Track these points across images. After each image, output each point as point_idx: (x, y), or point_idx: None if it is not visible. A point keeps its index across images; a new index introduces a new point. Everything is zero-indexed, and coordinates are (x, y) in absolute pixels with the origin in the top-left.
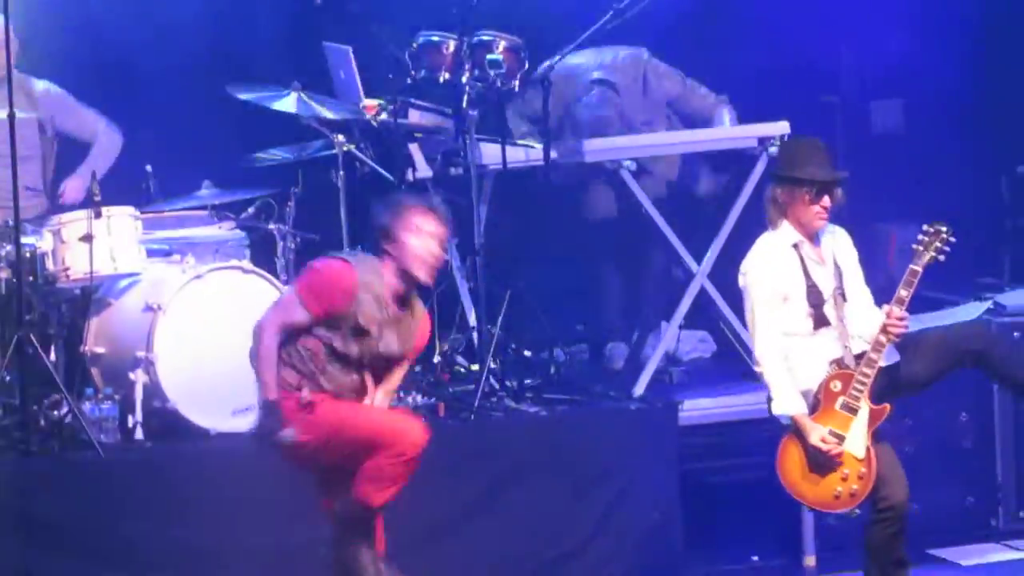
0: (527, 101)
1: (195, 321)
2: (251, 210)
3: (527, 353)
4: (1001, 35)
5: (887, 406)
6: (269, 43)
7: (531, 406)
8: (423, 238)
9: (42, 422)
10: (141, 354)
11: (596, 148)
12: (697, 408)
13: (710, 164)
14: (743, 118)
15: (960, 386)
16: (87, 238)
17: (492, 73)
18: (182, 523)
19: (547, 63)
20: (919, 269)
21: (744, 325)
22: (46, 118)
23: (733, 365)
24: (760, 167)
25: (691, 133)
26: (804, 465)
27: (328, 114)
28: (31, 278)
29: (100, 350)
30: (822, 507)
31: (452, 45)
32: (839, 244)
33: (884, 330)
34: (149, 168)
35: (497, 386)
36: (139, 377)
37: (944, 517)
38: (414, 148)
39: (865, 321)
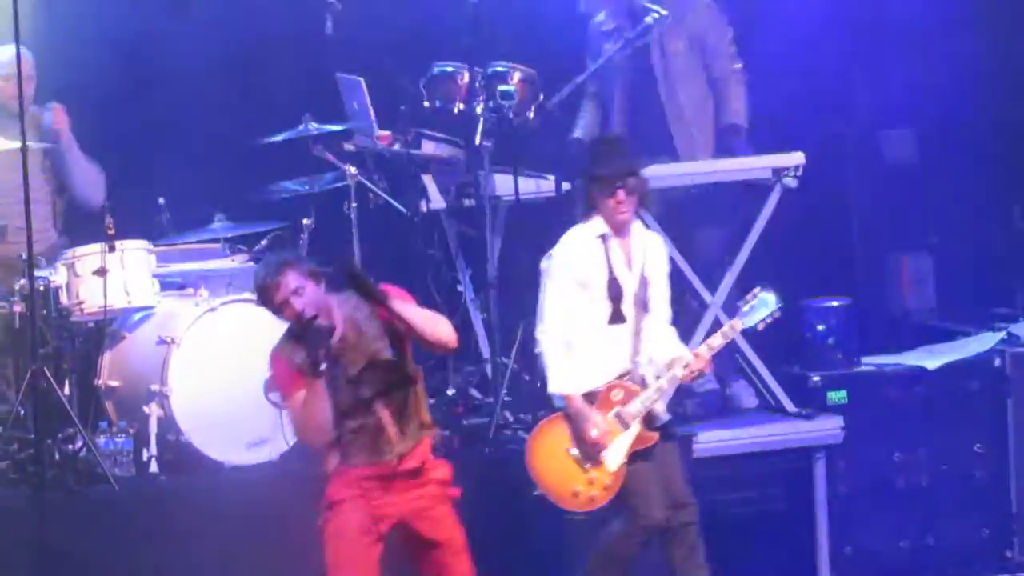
0: None
1: (209, 354)
2: (264, 242)
3: (541, 385)
4: (1013, 65)
5: (656, 436)
6: (281, 74)
7: None
8: (285, 310)
9: (56, 456)
10: (155, 387)
11: None
12: (712, 440)
13: None
14: (758, 148)
15: (974, 417)
16: (101, 272)
17: (506, 104)
18: (196, 556)
19: (558, 95)
20: (739, 327)
21: (760, 356)
22: (49, 150)
23: None
24: (775, 197)
25: (706, 164)
26: (558, 450)
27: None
28: (45, 312)
29: (114, 383)
30: (555, 498)
31: (466, 76)
32: (650, 252)
33: (686, 367)
34: (162, 201)
35: (511, 418)
36: (153, 410)
37: (959, 549)
38: (428, 179)
39: (657, 339)
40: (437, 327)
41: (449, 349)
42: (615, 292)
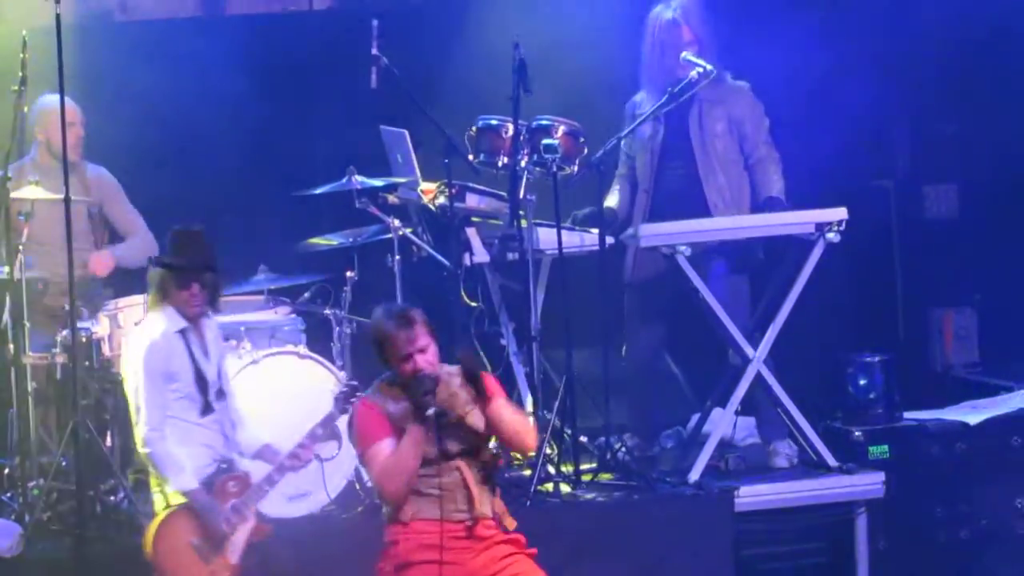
0: None
1: (251, 406)
2: (307, 295)
3: (583, 439)
4: None
5: (270, 527)
6: (326, 126)
7: (587, 492)
8: (405, 360)
9: (98, 507)
10: None
11: (651, 233)
12: (753, 494)
13: None
14: (799, 203)
15: (1016, 473)
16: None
17: (550, 157)
18: None
19: (602, 149)
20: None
21: (802, 410)
22: (95, 203)
23: None
24: (817, 252)
25: (748, 218)
26: (181, 543)
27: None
28: (87, 363)
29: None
30: None
31: (510, 129)
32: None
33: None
34: None
35: (553, 471)
36: None
37: None
38: (471, 232)
39: (237, 424)
40: (525, 437)
41: (526, 455)
42: (202, 385)
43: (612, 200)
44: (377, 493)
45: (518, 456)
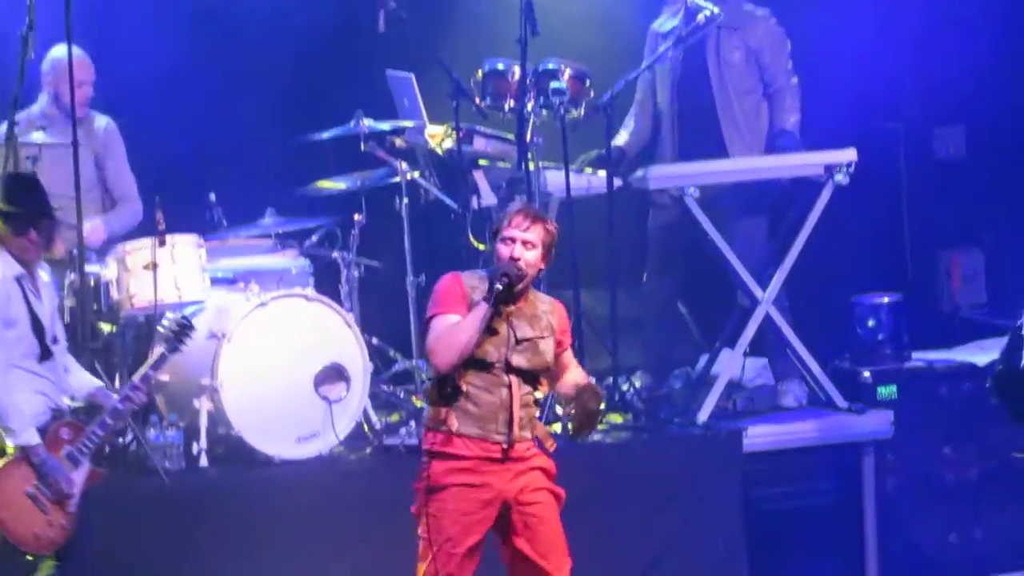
0: None
1: (259, 349)
2: (314, 238)
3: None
4: None
5: (102, 472)
6: (333, 70)
7: (596, 433)
8: (505, 242)
9: (107, 449)
10: (206, 382)
11: (660, 175)
12: (761, 434)
13: None
14: (809, 144)
15: None
16: (151, 266)
17: (557, 101)
18: (245, 549)
19: (610, 92)
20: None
21: (811, 350)
22: (101, 153)
23: None
24: (827, 194)
25: (757, 160)
26: (17, 494)
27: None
28: (96, 306)
29: (164, 378)
30: (16, 540)
31: (517, 73)
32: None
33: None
34: (213, 197)
35: (561, 412)
36: (204, 404)
37: (1007, 543)
38: (479, 175)
39: (70, 369)
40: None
41: None
42: (39, 330)
43: (623, 137)
44: (427, 356)
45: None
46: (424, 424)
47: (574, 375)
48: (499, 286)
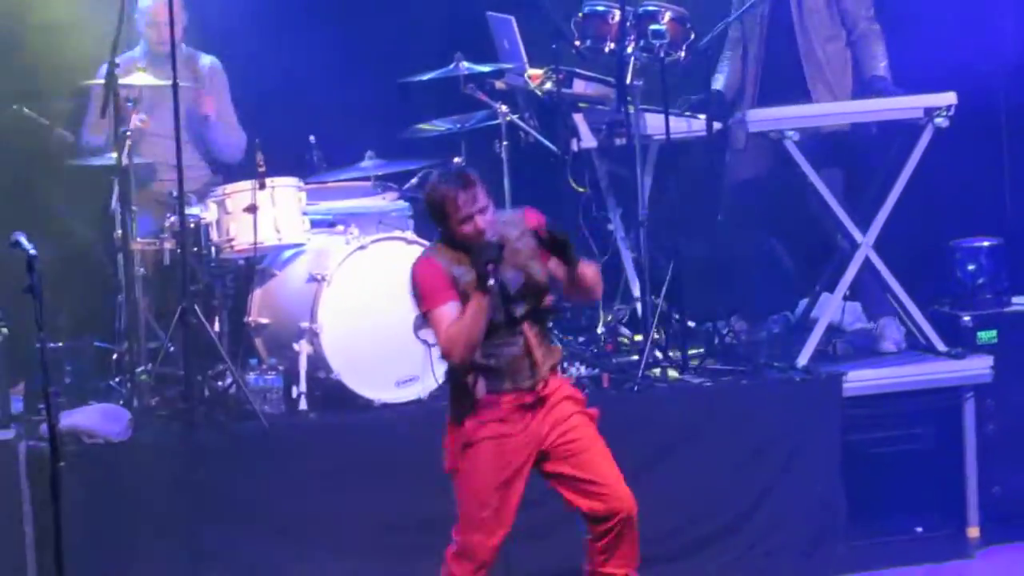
0: None
1: (359, 292)
2: (414, 180)
3: (691, 324)
4: None
5: None
6: (433, 12)
7: (694, 377)
8: (465, 223)
9: (206, 393)
10: (305, 325)
11: (759, 118)
12: (860, 379)
13: None
14: (908, 88)
15: None
16: (251, 209)
17: (657, 43)
18: (345, 493)
19: (709, 35)
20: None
21: (911, 295)
22: (205, 92)
23: None
24: (926, 137)
25: (856, 104)
26: None
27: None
28: (195, 249)
29: (264, 321)
30: None
31: (617, 15)
32: None
33: None
34: (313, 139)
35: (661, 357)
36: (303, 348)
37: None
38: (579, 118)
39: None
40: (598, 288)
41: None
42: None
43: (720, 80)
44: (442, 356)
45: (625, 341)
46: (452, 385)
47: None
48: (492, 281)
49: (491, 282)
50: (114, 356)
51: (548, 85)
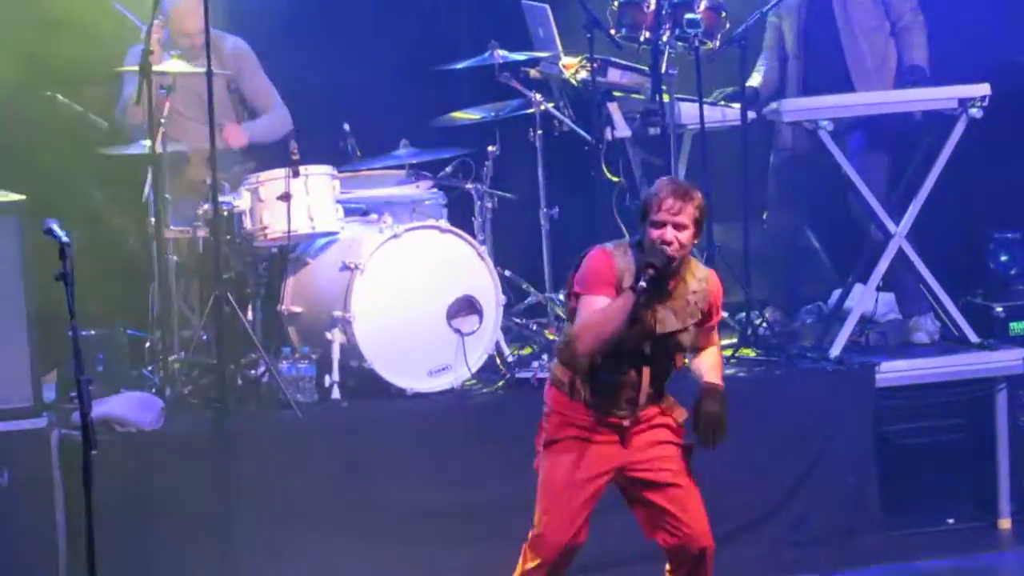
0: None
1: (392, 281)
2: (448, 169)
3: (724, 315)
4: None
5: None
6: (468, 1)
7: (727, 367)
8: (656, 225)
9: (239, 381)
10: (338, 313)
11: (794, 108)
12: (893, 370)
13: None
14: (943, 80)
15: None
16: (285, 197)
17: (692, 32)
18: (377, 482)
19: (744, 24)
20: None
21: (944, 286)
22: (233, 76)
23: None
24: (960, 127)
25: (891, 93)
26: None
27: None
28: (228, 237)
29: (297, 309)
30: None
31: (652, 4)
32: None
33: None
34: (347, 127)
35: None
36: (336, 336)
37: None
38: (613, 107)
39: None
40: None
41: None
42: None
43: (756, 79)
44: (568, 341)
45: None
46: (549, 378)
47: (708, 360)
48: (644, 283)
49: (641, 283)
50: (147, 344)
51: (582, 74)
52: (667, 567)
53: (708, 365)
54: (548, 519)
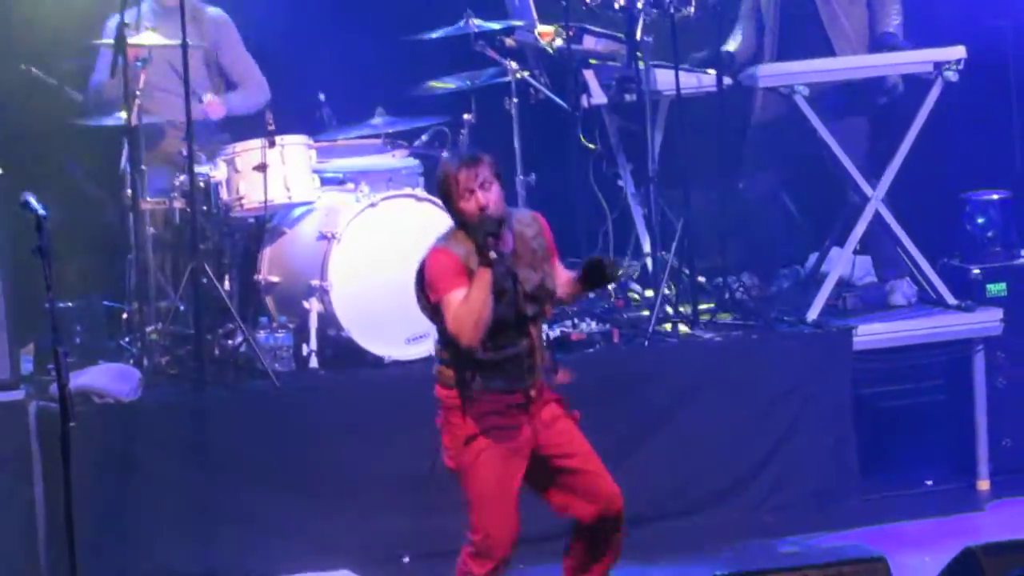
0: None
1: (369, 249)
2: (424, 138)
3: (701, 279)
4: None
5: None
6: None
7: (705, 332)
8: (465, 198)
9: (217, 351)
10: (315, 283)
11: (769, 73)
12: (871, 333)
13: None
14: (918, 42)
15: None
16: (261, 167)
17: None
18: (356, 450)
19: None
20: None
21: (920, 248)
22: (212, 47)
23: None
24: (936, 91)
25: (866, 58)
26: None
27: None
28: (205, 208)
29: (274, 279)
30: None
31: None
32: None
33: None
34: (322, 97)
35: (671, 312)
36: (313, 306)
37: None
38: (589, 74)
39: None
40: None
41: None
42: None
43: (732, 44)
44: (452, 340)
45: (636, 296)
46: (441, 382)
47: (564, 276)
48: (494, 255)
49: (492, 254)
50: (124, 316)
51: (558, 42)
52: (575, 542)
53: (564, 277)
54: (492, 521)
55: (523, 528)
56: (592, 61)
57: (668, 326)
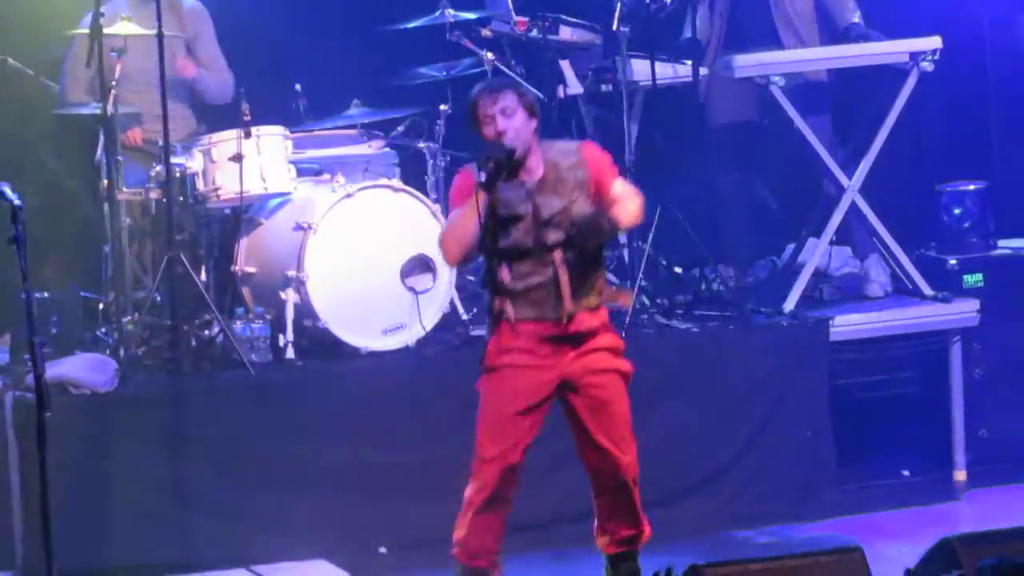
0: None
1: (345, 240)
2: (400, 128)
3: (678, 270)
4: None
5: None
6: None
7: (682, 322)
8: (485, 123)
9: (193, 342)
10: (292, 273)
11: (745, 64)
12: (847, 323)
13: None
14: (894, 32)
15: None
16: (237, 158)
17: None
18: (333, 441)
19: None
20: None
21: (897, 239)
22: (191, 36)
23: None
24: (911, 82)
25: (843, 48)
26: None
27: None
28: (181, 198)
29: (251, 270)
30: None
31: None
32: None
33: None
34: (299, 87)
35: (648, 303)
36: (290, 296)
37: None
38: (565, 65)
39: None
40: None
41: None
42: None
43: (690, 32)
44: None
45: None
46: (487, 309)
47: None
48: (483, 176)
49: (480, 178)
50: (100, 306)
51: (534, 32)
52: (593, 494)
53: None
54: (486, 444)
55: (516, 516)
56: (568, 51)
57: (644, 317)
